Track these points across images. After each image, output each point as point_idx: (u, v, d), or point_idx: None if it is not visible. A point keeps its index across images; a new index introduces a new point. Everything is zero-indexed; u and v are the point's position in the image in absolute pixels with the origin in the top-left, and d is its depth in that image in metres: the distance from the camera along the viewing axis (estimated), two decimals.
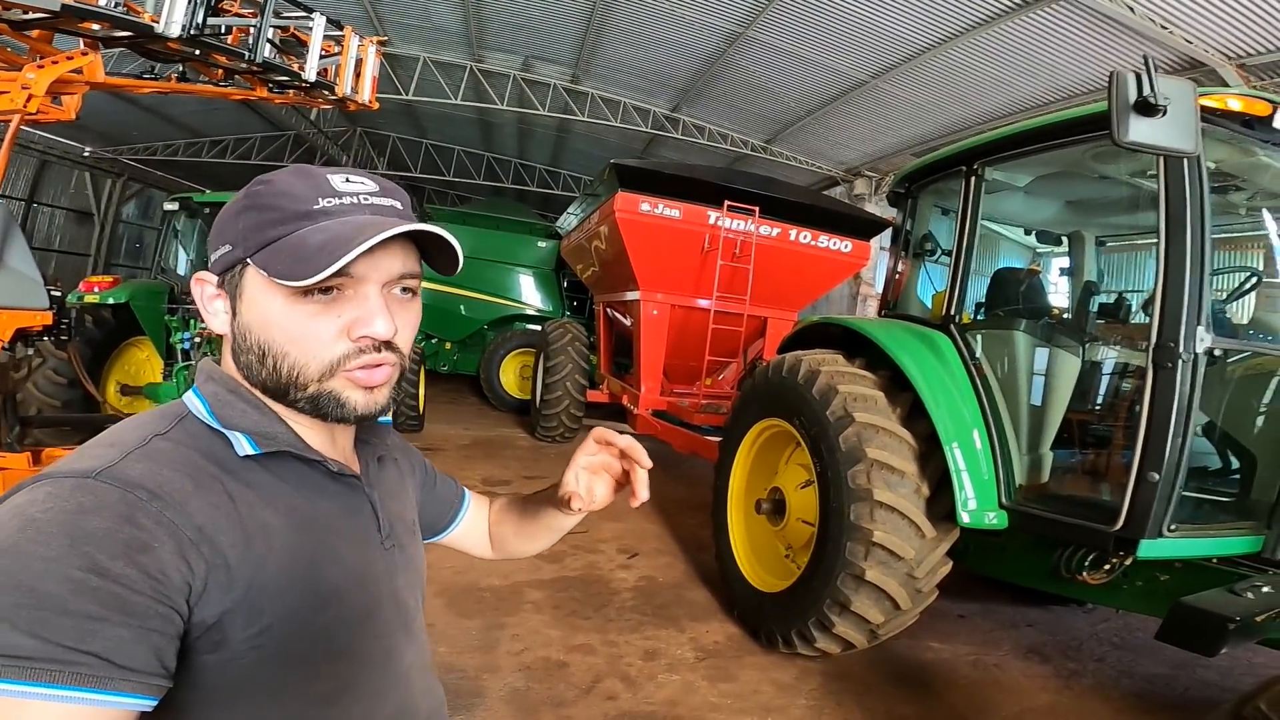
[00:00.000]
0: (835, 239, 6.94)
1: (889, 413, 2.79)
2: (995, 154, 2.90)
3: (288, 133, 15.18)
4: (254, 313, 0.69)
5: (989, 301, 3.40)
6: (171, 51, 2.75)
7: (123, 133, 14.28)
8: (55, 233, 15.53)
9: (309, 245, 0.65)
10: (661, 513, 5.71)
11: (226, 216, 0.71)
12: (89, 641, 0.51)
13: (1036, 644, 3.70)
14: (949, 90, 8.91)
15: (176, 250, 6.66)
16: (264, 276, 0.67)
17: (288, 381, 0.69)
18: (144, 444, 0.63)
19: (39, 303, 3.47)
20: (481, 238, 11.52)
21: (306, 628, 0.67)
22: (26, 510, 0.55)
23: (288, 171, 0.72)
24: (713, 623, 3.64)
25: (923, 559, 2.66)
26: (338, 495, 0.76)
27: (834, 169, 12.47)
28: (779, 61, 9.19)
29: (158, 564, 0.56)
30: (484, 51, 10.67)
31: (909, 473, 2.65)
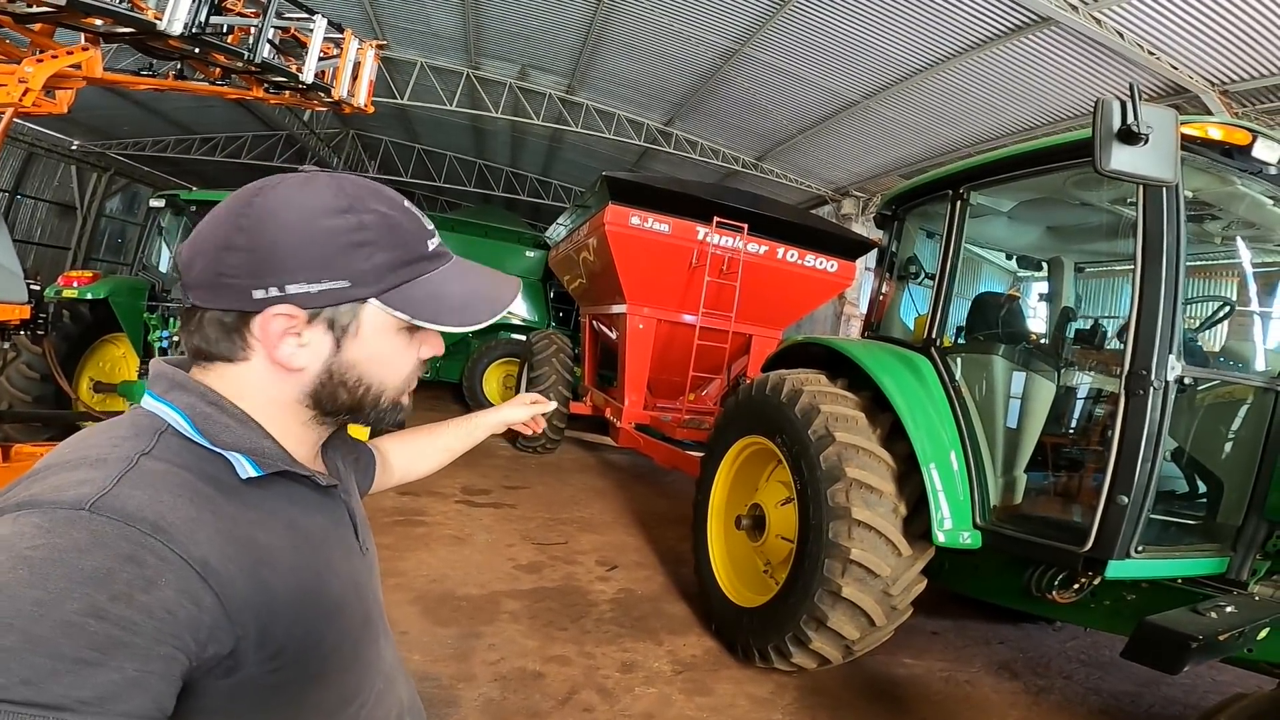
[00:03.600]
0: (822, 258, 7.01)
1: (869, 433, 2.83)
2: (980, 179, 2.97)
3: (280, 133, 15.11)
4: (366, 349, 0.70)
5: (969, 325, 3.47)
6: (171, 49, 2.75)
7: (113, 127, 14.13)
8: (36, 225, 15.28)
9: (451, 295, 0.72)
10: (641, 526, 5.70)
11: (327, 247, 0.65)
12: (82, 687, 0.49)
13: (1007, 660, 3.74)
14: (939, 113, 9.09)
15: (160, 247, 6.57)
16: (387, 314, 0.69)
17: (368, 403, 0.73)
18: (133, 465, 0.59)
19: (17, 296, 3.42)
20: (469, 245, 11.51)
21: (318, 643, 0.67)
22: (17, 546, 0.51)
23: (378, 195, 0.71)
24: (690, 636, 3.65)
25: (898, 577, 2.69)
26: (324, 507, 0.75)
27: (823, 188, 12.64)
28: (773, 79, 9.33)
29: (162, 603, 0.53)
30: (481, 59, 10.74)
31: (887, 492, 2.69)
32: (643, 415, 7.04)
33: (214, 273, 0.65)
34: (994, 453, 2.70)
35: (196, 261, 0.66)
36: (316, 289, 0.65)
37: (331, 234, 0.66)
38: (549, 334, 8.45)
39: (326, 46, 3.57)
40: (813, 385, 3.05)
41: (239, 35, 2.87)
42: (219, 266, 0.65)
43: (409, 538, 4.59)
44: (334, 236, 0.66)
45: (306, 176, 0.69)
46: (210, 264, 0.65)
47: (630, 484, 7.28)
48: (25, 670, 0.47)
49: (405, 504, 5.23)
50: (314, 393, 0.70)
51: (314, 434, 0.75)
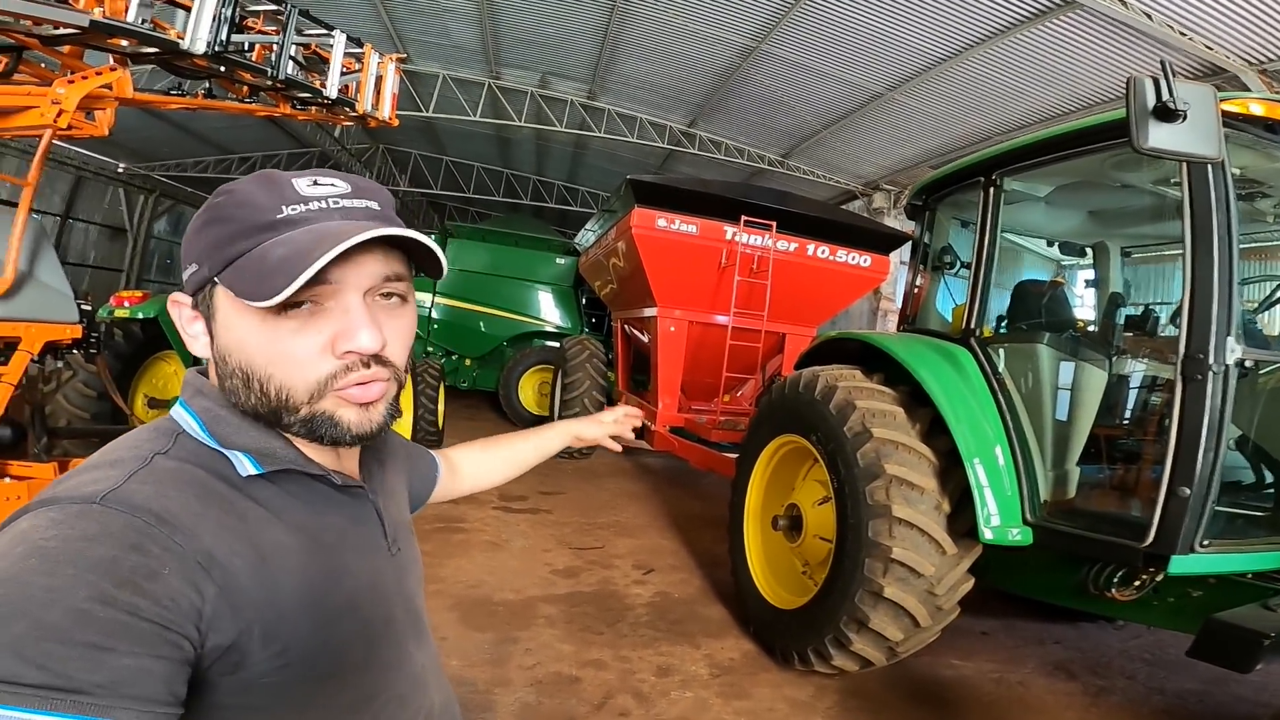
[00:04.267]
0: (854, 253, 6.89)
1: (908, 428, 2.74)
2: (1013, 164, 2.87)
3: (313, 149, 15.51)
4: (230, 335, 0.66)
5: (1011, 315, 3.35)
6: (198, 68, 2.81)
7: (154, 149, 14.67)
8: (89, 248, 15.95)
9: (270, 260, 0.61)
10: (677, 529, 5.66)
11: (191, 232, 0.67)
12: (95, 671, 0.50)
13: (1063, 661, 3.59)
14: (966, 101, 8.87)
15: None
16: (233, 296, 0.63)
17: (278, 405, 0.66)
18: (146, 463, 0.62)
19: (69, 316, 3.55)
20: (500, 254, 11.63)
21: (326, 642, 0.66)
22: (31, 537, 0.54)
23: (251, 178, 0.67)
24: (728, 639, 3.59)
25: (943, 576, 2.60)
26: (344, 506, 0.74)
27: (852, 183, 12.43)
28: (794, 75, 9.21)
29: (166, 591, 0.55)
30: (501, 68, 10.84)
31: (929, 489, 2.60)
32: (677, 418, 6.99)
33: None
34: (1043, 446, 2.59)
35: None
36: (185, 274, 0.68)
37: (196, 219, 0.67)
38: (581, 340, 8.48)
39: (348, 62, 3.61)
40: (847, 381, 2.98)
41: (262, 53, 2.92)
42: None
43: (448, 544, 4.63)
44: (196, 220, 0.67)
45: None
46: None
47: (665, 487, 7.25)
48: (39, 656, 0.49)
49: (444, 511, 5.28)
50: (224, 389, 0.68)
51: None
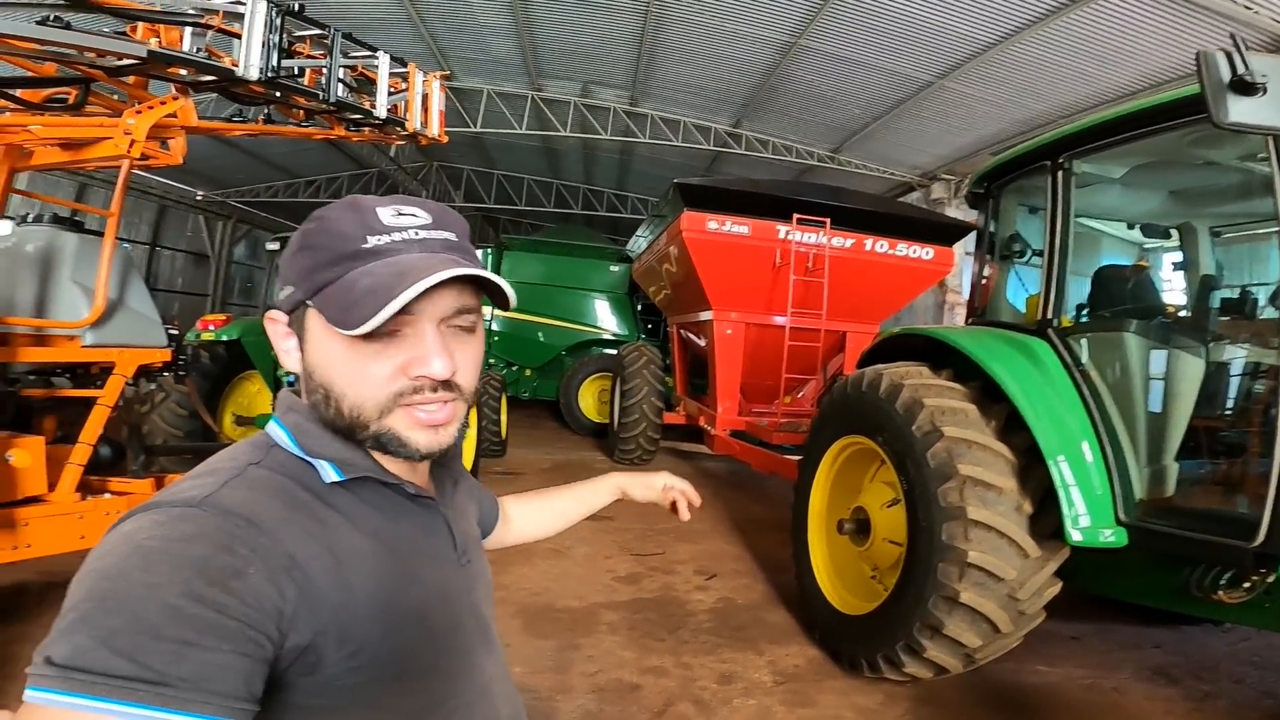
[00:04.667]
0: (914, 246, 6.67)
1: (982, 426, 2.61)
2: (1081, 146, 2.70)
3: (371, 170, 16.14)
4: (317, 353, 0.71)
5: (1092, 302, 3.15)
6: (255, 94, 2.92)
7: (228, 176, 15.56)
8: (176, 274, 17.09)
9: (356, 291, 0.65)
10: (740, 533, 5.58)
11: (287, 255, 0.72)
12: (180, 665, 0.53)
13: (1164, 665, 3.34)
14: (1023, 85, 8.50)
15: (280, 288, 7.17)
16: (321, 319, 0.68)
17: (351, 421, 0.70)
18: (240, 472, 0.66)
19: (159, 341, 3.78)
20: (555, 265, 11.78)
21: (396, 647, 0.69)
22: (135, 537, 0.58)
23: (340, 205, 0.72)
24: (792, 645, 3.50)
25: (1025, 580, 2.45)
26: (416, 516, 0.78)
27: (908, 174, 12.04)
28: (837, 69, 9.02)
29: (251, 590, 0.58)
30: (543, 80, 10.99)
31: (1007, 489, 2.46)
32: (737, 421, 6.91)
33: None
34: (1136, 441, 2.41)
35: None
36: (283, 294, 0.72)
37: (293, 242, 0.72)
38: (639, 346, 8.50)
39: (395, 82, 3.69)
40: (914, 378, 2.86)
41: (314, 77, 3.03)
42: None
43: (510, 552, 4.64)
44: (292, 243, 0.72)
45: None
46: None
47: (727, 491, 7.16)
48: (131, 648, 0.52)
49: None
50: (309, 401, 0.73)
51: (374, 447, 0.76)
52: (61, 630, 0.54)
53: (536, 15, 8.85)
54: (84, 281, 3.40)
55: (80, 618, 0.54)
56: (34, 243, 3.43)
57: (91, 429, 3.45)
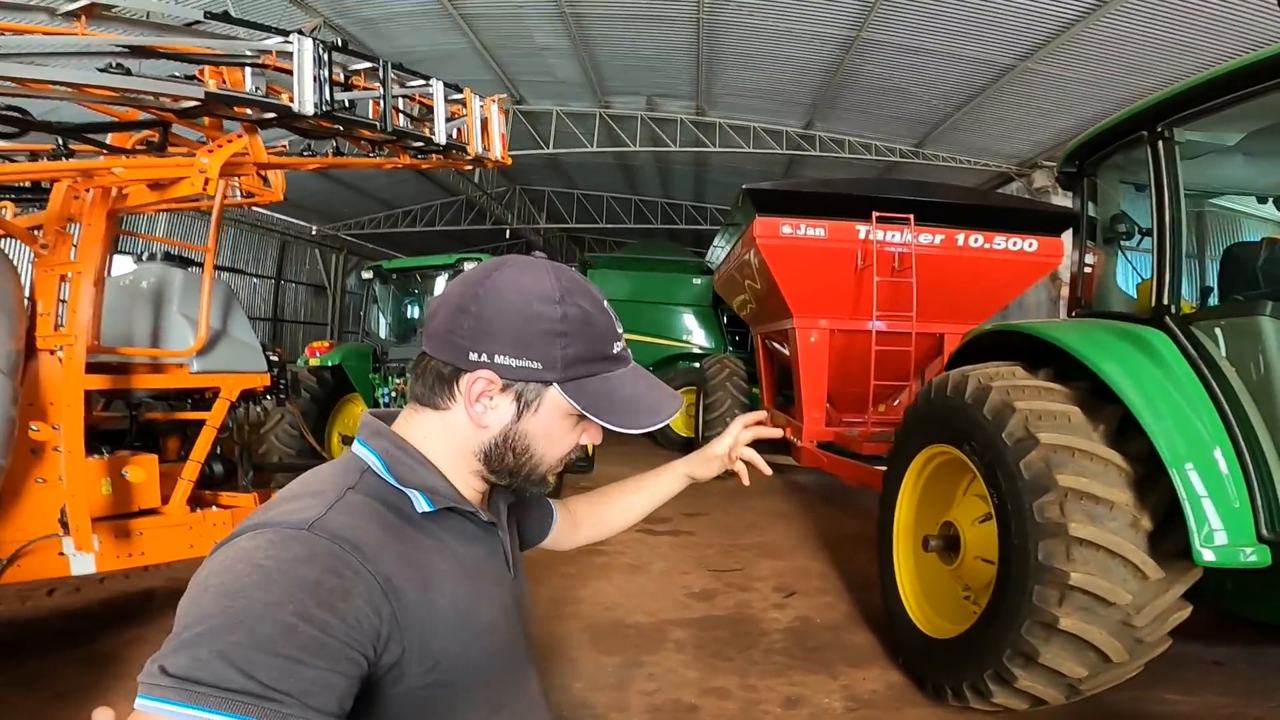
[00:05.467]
0: (1014, 238, 6.13)
1: (1088, 431, 2.28)
2: (1180, 111, 2.34)
3: (459, 198, 16.93)
4: (541, 425, 0.79)
5: (1223, 285, 2.73)
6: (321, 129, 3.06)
7: (336, 210, 16.72)
8: (300, 305, 18.61)
9: (621, 398, 0.79)
10: (827, 549, 5.28)
11: (532, 330, 0.75)
12: (286, 681, 0.56)
13: None
14: (1118, 61, 7.70)
15: (377, 315, 7.58)
16: (563, 400, 0.77)
17: (524, 471, 0.81)
18: (341, 497, 0.70)
19: (259, 366, 4.08)
20: (638, 281, 11.86)
21: (470, 661, 0.75)
22: (253, 556, 0.62)
23: (585, 292, 0.79)
24: (872, 669, 3.24)
25: (1145, 604, 2.11)
26: (482, 540, 0.84)
27: (1004, 164, 11.19)
28: (905, 59, 8.54)
29: (354, 611, 0.62)
30: (608, 97, 11.10)
31: (1120, 502, 2.13)
32: (825, 432, 6.60)
33: (447, 329, 0.77)
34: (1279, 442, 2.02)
35: (439, 314, 0.79)
36: (515, 364, 0.75)
37: (539, 319, 0.75)
38: (721, 359, 8.37)
39: (456, 109, 3.78)
40: (1004, 379, 2.57)
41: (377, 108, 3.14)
42: (452, 324, 0.76)
43: (590, 567, 4.67)
44: (540, 322, 0.75)
45: (532, 261, 0.80)
46: (446, 320, 0.77)
47: (818, 505, 6.84)
48: (246, 662, 0.55)
49: None
50: (488, 450, 0.79)
51: (481, 482, 0.84)
52: (181, 642, 0.57)
53: (591, 33, 8.96)
54: (189, 314, 3.73)
55: (202, 632, 0.57)
56: (147, 279, 3.80)
57: (201, 448, 3.76)
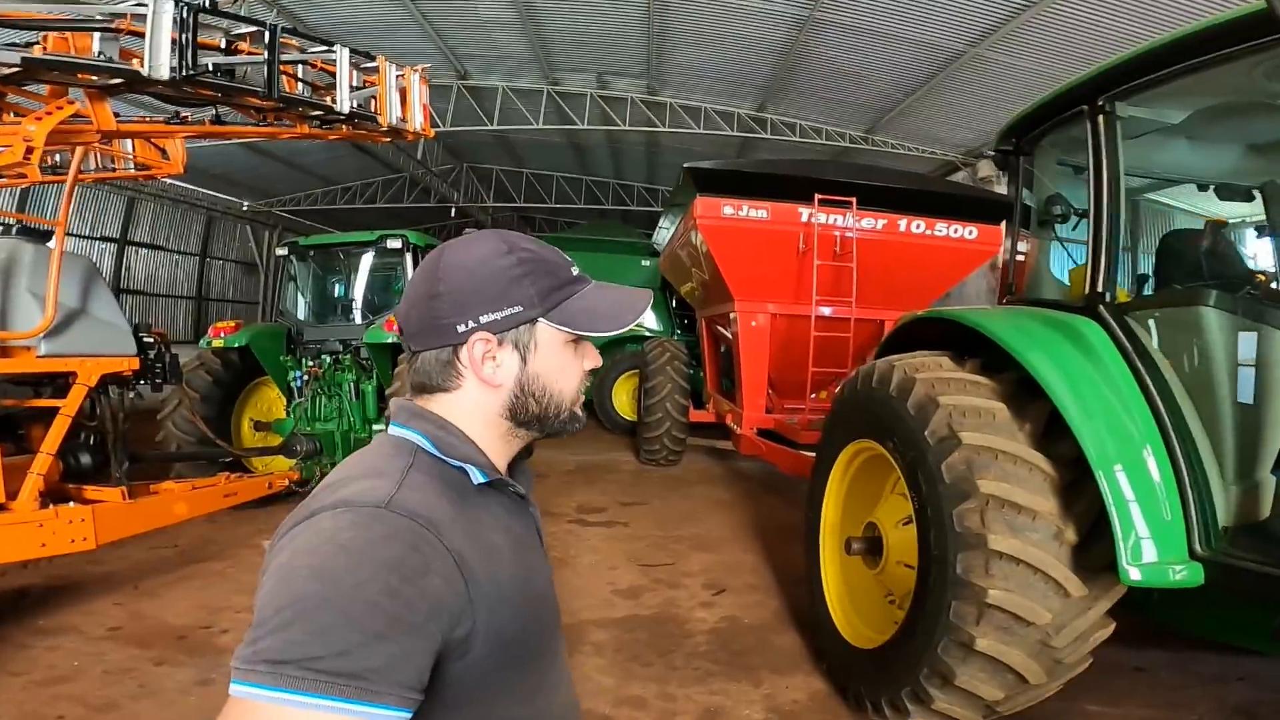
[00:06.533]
0: (955, 225, 6.04)
1: (1012, 430, 2.10)
2: (1124, 85, 2.16)
3: (402, 175, 16.19)
4: (545, 360, 0.83)
5: (1161, 274, 2.58)
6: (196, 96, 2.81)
7: (270, 185, 15.83)
8: (228, 284, 17.60)
9: (599, 307, 0.84)
10: (762, 542, 5.12)
11: (501, 282, 0.80)
12: (374, 658, 0.59)
13: (1247, 704, 2.79)
14: (1063, 50, 7.64)
15: (294, 293, 7.03)
16: (554, 330, 0.82)
17: (554, 412, 0.84)
18: (406, 475, 0.72)
19: (124, 349, 3.63)
20: (585, 261, 11.22)
21: (524, 632, 0.77)
22: (337, 537, 0.64)
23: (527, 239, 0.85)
24: (796, 676, 3.07)
25: (1066, 624, 1.95)
26: (522, 515, 0.87)
27: (951, 153, 11.21)
28: (858, 42, 8.38)
29: (433, 587, 0.65)
30: (557, 73, 10.71)
31: (1043, 511, 1.95)
32: (765, 419, 6.46)
33: (427, 319, 0.80)
34: (1218, 448, 1.87)
35: (412, 314, 0.82)
36: (500, 315, 0.79)
37: (501, 271, 0.80)
38: (662, 342, 8.17)
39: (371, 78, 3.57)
40: (929, 372, 2.36)
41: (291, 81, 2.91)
42: (430, 314, 0.80)
43: None
44: (504, 273, 0.80)
45: (474, 234, 0.86)
46: (423, 314, 0.81)
47: (758, 494, 6.68)
48: (340, 644, 0.58)
49: None
50: (510, 405, 0.82)
51: (510, 447, 0.86)
52: (273, 626, 0.59)
53: (540, 7, 8.57)
54: (38, 291, 3.27)
55: (293, 615, 0.59)
56: None
57: (53, 439, 3.35)
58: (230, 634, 3.35)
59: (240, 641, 0.59)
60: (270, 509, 5.25)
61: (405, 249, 6.53)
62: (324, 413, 6.19)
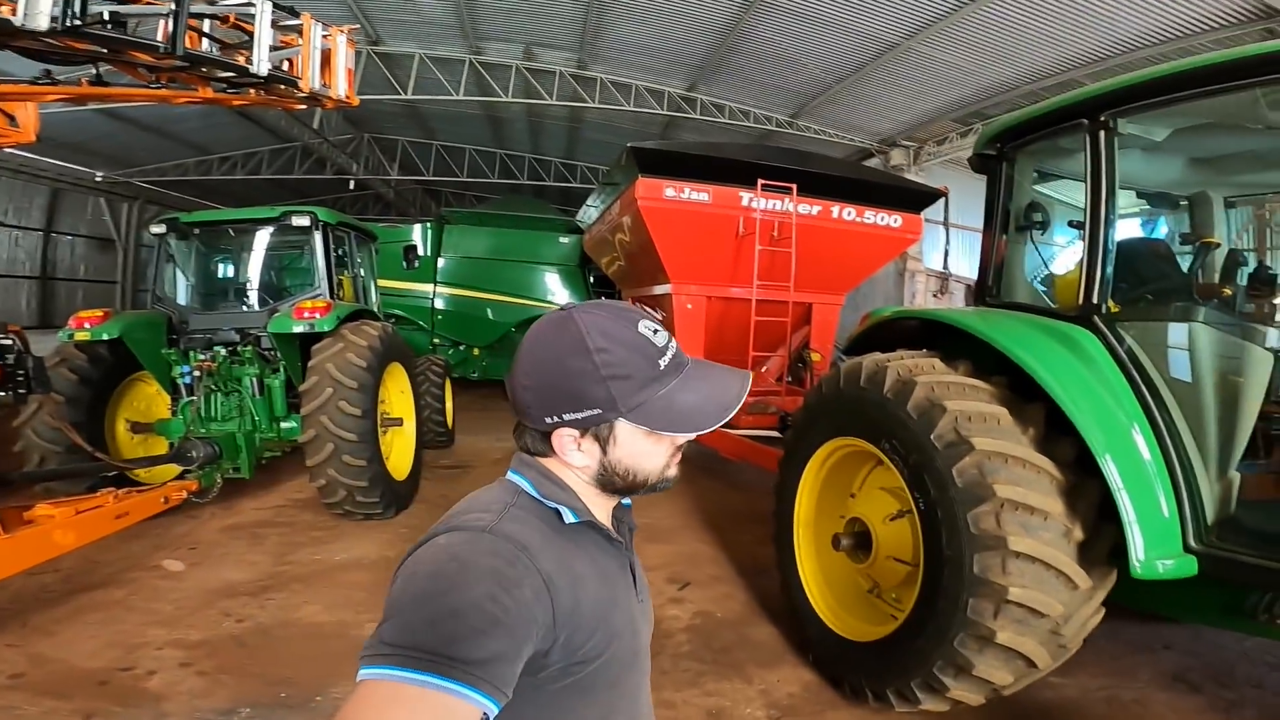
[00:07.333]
0: (882, 213, 6.31)
1: (1017, 435, 2.19)
2: (1129, 102, 2.27)
3: (294, 145, 14.78)
4: (624, 451, 0.90)
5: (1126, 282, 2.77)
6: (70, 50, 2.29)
7: (131, 154, 13.97)
8: (78, 262, 15.47)
9: (678, 408, 0.88)
10: (714, 529, 5.17)
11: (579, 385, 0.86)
12: (476, 651, 0.68)
13: (1180, 669, 3.12)
14: (992, 49, 8.14)
15: (174, 276, 6.16)
16: (634, 426, 0.88)
17: (641, 483, 0.92)
18: (507, 510, 0.84)
19: None
20: (501, 238, 11.20)
21: (598, 659, 0.84)
22: (450, 550, 0.77)
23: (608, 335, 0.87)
24: (783, 669, 3.13)
25: (1072, 614, 2.09)
26: (613, 555, 0.95)
27: (867, 140, 11.67)
28: (799, 28, 8.46)
29: (525, 599, 0.74)
30: (481, 42, 10.10)
31: (1053, 513, 2.06)
32: None
33: (523, 405, 0.91)
34: (1207, 452, 2.04)
35: (514, 394, 0.92)
36: (580, 416, 0.87)
37: (580, 375, 0.86)
38: None
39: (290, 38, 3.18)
40: (928, 375, 2.42)
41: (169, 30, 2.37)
42: (523, 402, 0.90)
43: None
44: (582, 376, 0.86)
45: (557, 319, 0.90)
46: (518, 398, 0.91)
47: (698, 479, 6.71)
48: (450, 633, 0.69)
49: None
50: (596, 478, 0.92)
51: (607, 501, 0.96)
52: (393, 618, 0.71)
53: None
54: None
55: (411, 606, 0.72)
56: None
57: None
58: (159, 675, 2.92)
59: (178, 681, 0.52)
60: (163, 521, 4.60)
61: (314, 227, 5.72)
62: (221, 411, 5.45)
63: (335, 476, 4.70)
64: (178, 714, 2.65)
